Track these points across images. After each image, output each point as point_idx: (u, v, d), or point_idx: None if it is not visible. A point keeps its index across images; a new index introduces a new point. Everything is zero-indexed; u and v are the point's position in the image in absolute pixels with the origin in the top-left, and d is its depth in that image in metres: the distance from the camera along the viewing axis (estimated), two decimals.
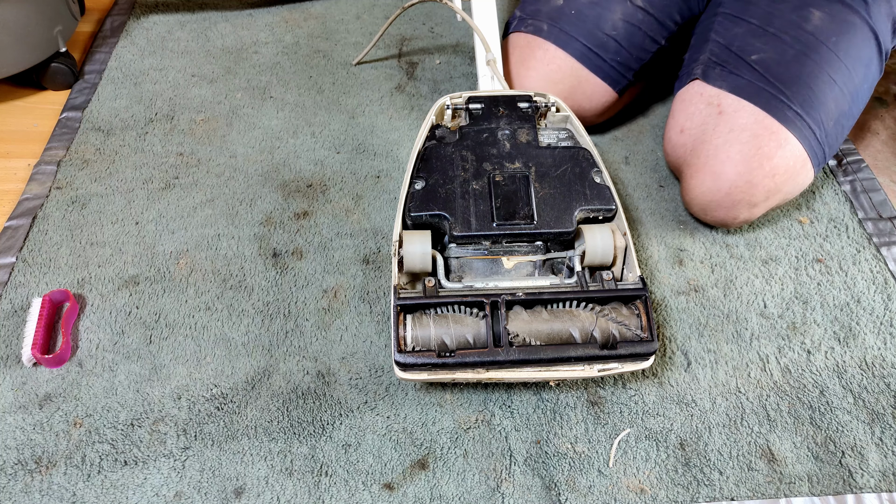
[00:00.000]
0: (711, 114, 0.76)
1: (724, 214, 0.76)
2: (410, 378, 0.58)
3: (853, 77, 0.74)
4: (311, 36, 1.12)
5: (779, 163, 0.72)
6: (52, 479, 0.60)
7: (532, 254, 0.67)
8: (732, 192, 0.73)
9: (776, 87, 0.73)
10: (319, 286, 0.76)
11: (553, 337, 0.59)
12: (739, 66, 0.76)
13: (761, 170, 0.72)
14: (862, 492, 0.61)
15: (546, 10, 0.87)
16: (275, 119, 0.96)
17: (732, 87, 0.75)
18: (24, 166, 0.88)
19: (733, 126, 0.74)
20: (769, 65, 0.74)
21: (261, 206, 0.84)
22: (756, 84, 0.74)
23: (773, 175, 0.72)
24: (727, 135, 0.74)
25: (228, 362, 0.69)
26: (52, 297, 0.70)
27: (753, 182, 0.72)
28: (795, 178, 0.74)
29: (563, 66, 0.85)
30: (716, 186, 0.74)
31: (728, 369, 0.69)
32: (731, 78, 0.76)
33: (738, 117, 0.73)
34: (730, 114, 0.74)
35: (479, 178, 0.66)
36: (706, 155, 0.75)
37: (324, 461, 0.62)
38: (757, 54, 0.75)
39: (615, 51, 0.84)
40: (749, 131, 0.72)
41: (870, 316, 0.74)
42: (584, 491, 0.60)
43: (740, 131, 0.73)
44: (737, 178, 0.73)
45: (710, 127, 0.75)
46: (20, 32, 0.90)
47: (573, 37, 0.84)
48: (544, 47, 0.85)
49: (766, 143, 0.72)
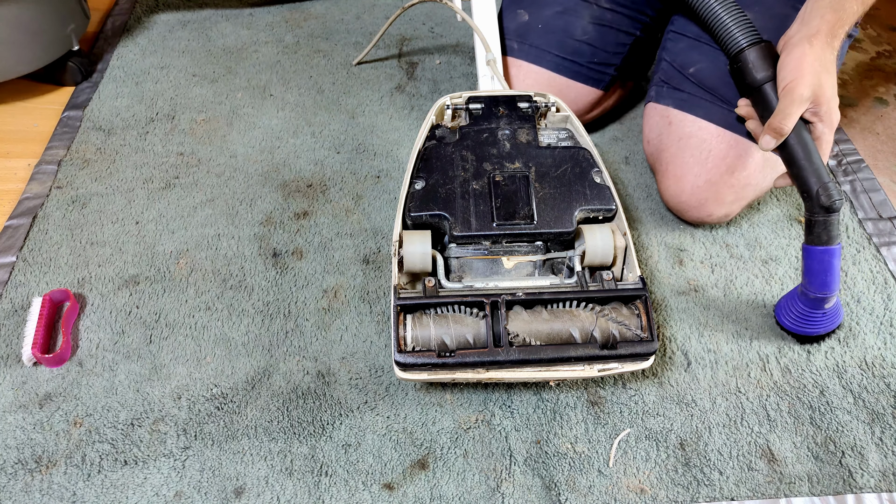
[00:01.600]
0: (664, 125, 0.80)
1: (696, 213, 0.79)
2: (410, 378, 0.58)
3: None
4: (312, 36, 1.12)
5: (735, 162, 0.74)
6: (52, 479, 0.60)
7: (532, 254, 0.67)
8: (696, 193, 0.77)
9: (713, 95, 0.76)
10: (319, 286, 0.76)
11: (553, 337, 0.59)
12: (681, 81, 0.79)
13: (718, 170, 0.75)
14: (862, 492, 0.61)
15: (513, 28, 0.88)
16: (275, 119, 0.96)
17: (676, 103, 0.79)
18: (24, 166, 0.88)
19: (681, 134, 0.78)
20: (705, 75, 0.77)
21: (261, 205, 0.84)
22: (695, 96, 0.77)
23: (733, 173, 0.75)
24: (678, 143, 0.78)
25: (228, 362, 0.69)
26: (53, 297, 0.70)
27: (714, 181, 0.75)
28: (762, 171, 0.76)
29: (539, 80, 0.87)
30: (679, 189, 0.78)
31: (728, 369, 0.69)
32: (675, 94, 0.79)
33: (684, 126, 0.78)
34: (676, 124, 0.78)
35: (479, 178, 0.66)
36: (666, 162, 0.80)
37: (324, 461, 0.62)
38: (694, 66, 0.79)
39: (590, 54, 0.86)
40: (696, 137, 0.76)
41: (870, 316, 0.74)
42: (584, 491, 0.60)
43: (688, 138, 0.77)
44: (695, 179, 0.76)
45: (664, 136, 0.80)
46: (36, 31, 0.92)
47: (544, 50, 0.86)
48: (517, 65, 0.87)
49: (716, 146, 0.75)
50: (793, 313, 0.69)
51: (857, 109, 1.01)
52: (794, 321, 0.69)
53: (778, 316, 0.72)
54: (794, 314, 0.69)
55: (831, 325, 0.69)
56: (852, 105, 1.02)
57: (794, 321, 0.69)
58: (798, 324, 0.69)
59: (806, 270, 0.65)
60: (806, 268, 0.65)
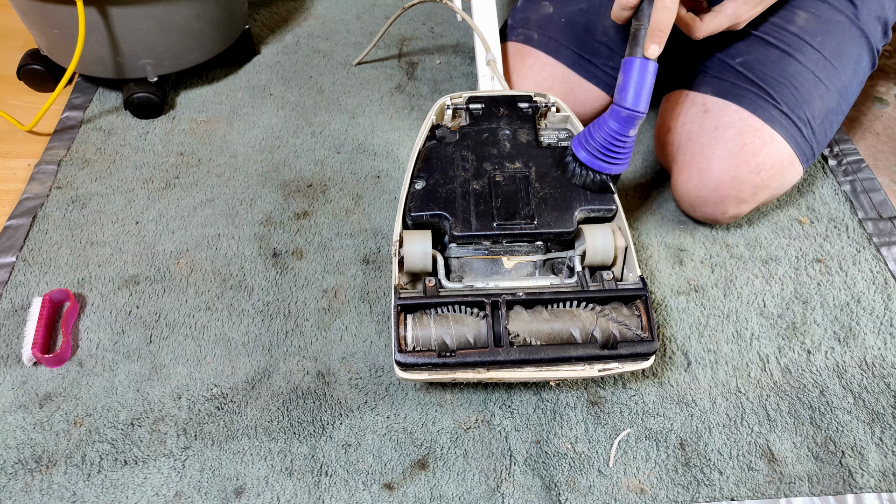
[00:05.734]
0: (697, 113, 0.77)
1: (712, 210, 0.77)
2: (411, 378, 0.58)
3: (840, 75, 0.75)
4: (312, 36, 1.12)
5: (764, 160, 0.73)
6: (52, 479, 0.60)
7: (532, 254, 0.67)
8: (719, 188, 0.75)
9: (760, 88, 0.74)
10: (319, 286, 0.76)
11: (553, 337, 0.59)
12: (723, 70, 0.77)
13: (746, 166, 0.73)
14: (862, 492, 0.61)
15: (535, 19, 0.87)
16: (275, 119, 0.96)
17: (717, 91, 0.77)
18: (24, 166, 0.88)
19: (718, 124, 0.75)
20: (753, 66, 0.76)
21: (261, 205, 0.84)
22: (740, 86, 0.75)
23: (759, 171, 0.73)
24: (713, 132, 0.75)
25: (228, 362, 0.69)
26: (53, 297, 0.70)
27: (739, 178, 0.74)
28: (783, 175, 0.75)
29: (554, 74, 0.86)
30: (702, 183, 0.76)
31: (728, 369, 0.69)
32: (714, 83, 0.77)
33: (724, 115, 0.75)
34: (715, 112, 0.76)
35: (479, 178, 0.66)
36: (692, 152, 0.76)
37: (324, 461, 0.62)
38: (741, 57, 0.77)
39: (607, 56, 0.85)
40: (734, 129, 0.74)
41: (870, 316, 0.74)
42: (584, 491, 0.60)
43: (725, 128, 0.74)
44: (722, 173, 0.74)
45: (696, 125, 0.77)
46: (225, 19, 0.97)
47: (563, 44, 0.85)
48: (535, 55, 0.86)
49: (751, 140, 0.73)
50: (593, 142, 0.65)
51: (857, 109, 1.01)
52: (591, 150, 0.65)
53: (574, 147, 0.67)
54: (595, 144, 0.65)
55: (622, 164, 0.65)
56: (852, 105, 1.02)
57: (592, 151, 0.65)
58: (595, 153, 0.65)
59: (622, 85, 0.64)
60: (623, 82, 0.64)
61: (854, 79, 0.76)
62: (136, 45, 0.89)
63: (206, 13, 0.91)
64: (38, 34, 0.92)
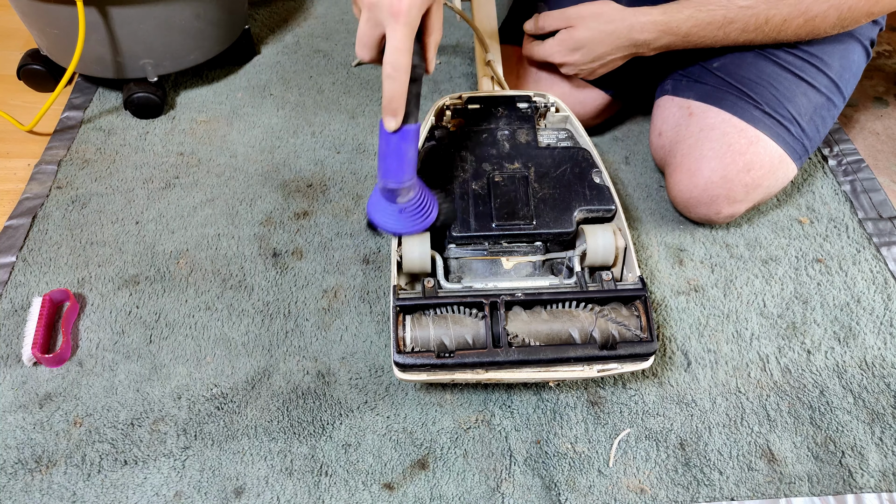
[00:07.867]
0: (683, 116, 0.79)
1: (705, 210, 0.78)
2: (410, 379, 0.58)
3: (826, 70, 0.75)
4: (311, 36, 1.12)
5: (752, 158, 0.74)
6: (52, 479, 0.60)
7: (531, 254, 0.67)
8: (709, 188, 0.75)
9: (739, 90, 0.76)
10: (319, 286, 0.76)
11: (552, 337, 0.59)
12: (704, 75, 0.79)
13: (735, 165, 0.74)
14: (862, 492, 0.61)
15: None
16: (275, 119, 0.96)
17: (699, 95, 0.78)
18: (24, 166, 0.88)
19: (703, 125, 0.76)
20: (730, 69, 0.77)
21: (261, 205, 0.84)
22: (721, 89, 0.77)
23: (749, 170, 0.74)
24: (698, 134, 0.76)
25: (228, 362, 0.69)
26: (53, 297, 0.71)
27: (728, 177, 0.74)
28: (774, 173, 0.76)
29: (553, 73, 0.85)
30: (692, 183, 0.76)
31: (728, 369, 0.69)
32: (696, 87, 0.79)
33: (706, 118, 0.76)
34: (699, 115, 0.77)
35: (478, 179, 0.66)
36: (682, 154, 0.78)
37: (324, 461, 0.62)
38: (717, 61, 0.78)
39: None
40: (718, 130, 0.75)
41: (870, 316, 0.74)
42: (584, 491, 0.60)
43: (710, 130, 0.76)
44: (711, 174, 0.75)
45: (682, 128, 0.78)
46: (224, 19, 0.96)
47: None
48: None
49: (737, 140, 0.74)
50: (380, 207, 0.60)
51: (857, 109, 1.01)
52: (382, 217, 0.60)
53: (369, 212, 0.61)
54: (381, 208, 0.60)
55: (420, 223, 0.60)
56: (852, 105, 1.02)
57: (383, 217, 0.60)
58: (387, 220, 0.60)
59: (379, 154, 0.56)
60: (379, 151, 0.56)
61: (844, 72, 0.76)
62: (136, 45, 0.89)
63: (206, 13, 0.91)
64: (38, 34, 0.92)
